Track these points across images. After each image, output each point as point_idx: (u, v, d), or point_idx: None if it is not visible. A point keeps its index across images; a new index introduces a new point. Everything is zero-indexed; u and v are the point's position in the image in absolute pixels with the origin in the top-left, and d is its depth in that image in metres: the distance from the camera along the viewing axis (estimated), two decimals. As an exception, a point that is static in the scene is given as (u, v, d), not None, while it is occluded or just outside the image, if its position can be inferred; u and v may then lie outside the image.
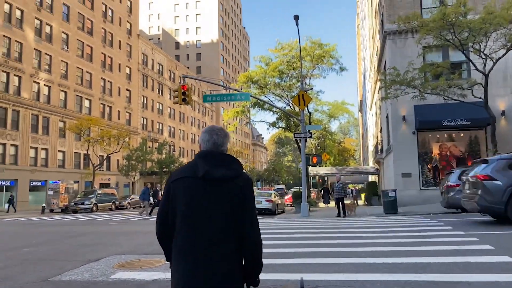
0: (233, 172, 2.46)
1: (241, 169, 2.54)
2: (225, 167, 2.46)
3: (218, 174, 2.41)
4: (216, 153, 2.54)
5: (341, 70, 33.23)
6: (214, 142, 2.58)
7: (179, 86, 18.23)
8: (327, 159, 53.08)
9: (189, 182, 2.44)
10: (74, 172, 45.30)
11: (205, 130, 2.68)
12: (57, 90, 44.30)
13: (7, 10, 38.33)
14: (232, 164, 2.51)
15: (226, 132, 2.68)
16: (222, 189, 2.41)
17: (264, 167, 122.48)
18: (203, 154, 2.54)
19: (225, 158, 2.52)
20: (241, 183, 2.46)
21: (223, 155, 2.55)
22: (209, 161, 2.47)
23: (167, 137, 68.17)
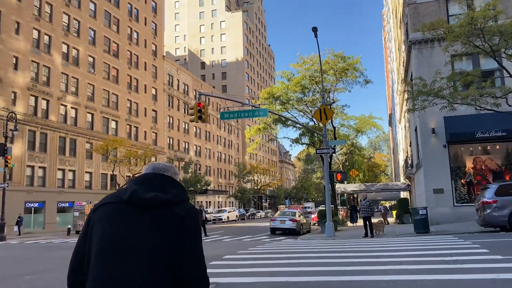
0: (169, 196, 1.90)
1: (184, 196, 1.98)
2: (160, 190, 1.91)
3: (148, 196, 1.86)
4: (155, 175, 2.01)
5: (366, 82, 32.16)
6: (154, 167, 2.09)
7: (195, 104, 17.79)
8: (356, 175, 51.49)
9: (111, 208, 1.90)
10: (101, 193, 45.62)
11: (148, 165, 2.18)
12: (84, 112, 45.13)
13: (36, 36, 39.56)
14: (170, 188, 1.96)
15: (172, 168, 2.15)
16: (154, 217, 1.85)
17: (292, 185, 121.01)
18: (138, 178, 2.02)
19: (164, 181, 1.99)
20: (182, 212, 1.89)
21: (163, 177, 2.01)
22: (141, 183, 1.95)
23: (193, 156, 68.31)
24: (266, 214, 67.08)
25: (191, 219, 1.89)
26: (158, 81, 60.71)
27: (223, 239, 21.58)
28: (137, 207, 1.84)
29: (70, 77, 43.50)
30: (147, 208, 1.84)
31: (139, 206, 1.84)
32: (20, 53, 37.51)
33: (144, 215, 1.83)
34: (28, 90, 38.11)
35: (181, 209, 1.88)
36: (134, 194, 1.85)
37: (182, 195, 1.95)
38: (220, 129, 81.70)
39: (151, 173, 2.01)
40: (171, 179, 2.01)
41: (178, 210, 1.87)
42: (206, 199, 70.62)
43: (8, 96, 35.98)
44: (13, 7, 36.98)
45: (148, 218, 1.83)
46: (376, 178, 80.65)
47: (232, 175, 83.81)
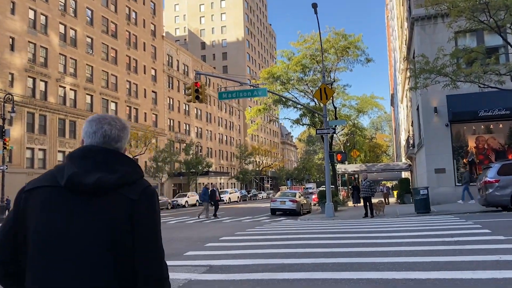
0: (116, 177, 1.56)
1: (137, 174, 1.64)
2: (105, 169, 1.57)
3: (89, 180, 1.53)
4: (98, 150, 1.65)
5: (367, 61, 31.58)
6: (104, 134, 1.69)
7: (192, 83, 17.40)
8: (357, 155, 51.27)
9: (48, 194, 1.56)
10: (102, 174, 45.63)
11: (91, 118, 1.76)
12: (83, 94, 44.73)
13: (32, 16, 38.87)
14: (118, 165, 1.61)
15: (124, 124, 1.77)
16: (98, 204, 1.55)
17: (294, 166, 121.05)
18: (77, 152, 1.65)
19: (109, 157, 1.63)
20: (134, 196, 1.57)
21: (109, 152, 1.65)
22: (81, 162, 1.59)
23: (194, 138, 68.07)
24: (267, 195, 67.20)
25: (146, 203, 1.58)
26: (158, 61, 60.01)
27: (223, 220, 21.50)
28: (77, 193, 1.53)
29: (68, 58, 42.95)
30: (90, 194, 1.53)
31: (79, 192, 1.53)
32: (16, 34, 36.91)
33: (87, 203, 1.53)
34: (25, 72, 37.66)
35: (133, 191, 1.57)
36: (72, 178, 1.53)
37: (134, 173, 1.62)
38: (221, 111, 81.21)
39: (94, 147, 1.65)
40: (119, 154, 1.67)
41: (128, 193, 1.56)
42: (208, 180, 70.50)
43: (5, 78, 35.57)
44: (7, -13, 36.22)
45: (92, 206, 1.53)
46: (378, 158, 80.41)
47: (233, 157, 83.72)
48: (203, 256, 8.87)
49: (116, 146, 1.70)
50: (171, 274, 7.46)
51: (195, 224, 19.05)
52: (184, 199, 43.88)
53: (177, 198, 44.76)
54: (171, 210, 38.18)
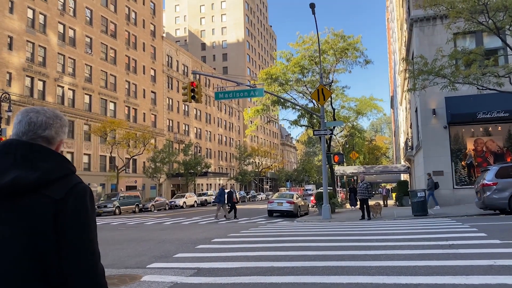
0: (37, 175, 1.38)
1: (63, 169, 1.45)
2: (25, 167, 1.39)
3: (4, 180, 1.36)
4: (19, 144, 1.46)
5: (366, 63, 31.45)
6: (29, 122, 1.51)
7: (188, 83, 17.24)
8: (356, 157, 51.06)
9: None
10: (99, 175, 45.46)
11: (22, 109, 1.59)
12: (81, 94, 44.58)
13: (31, 15, 38.75)
14: (41, 162, 1.42)
15: (58, 113, 1.60)
16: (16, 208, 1.37)
17: (294, 167, 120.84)
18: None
19: (31, 152, 1.44)
20: (58, 195, 1.39)
21: (31, 146, 1.46)
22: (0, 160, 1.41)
23: (193, 138, 67.91)
24: (266, 197, 67.04)
25: (73, 202, 1.40)
26: (157, 62, 59.89)
27: (219, 221, 21.32)
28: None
29: (67, 58, 42.81)
30: (7, 196, 1.36)
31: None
32: (15, 33, 36.79)
33: (7, 206, 1.36)
34: (23, 71, 37.52)
35: (57, 190, 1.39)
36: None
37: (58, 169, 1.43)
38: (220, 111, 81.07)
39: (14, 141, 1.47)
40: (41, 148, 1.46)
41: (51, 192, 1.38)
42: (207, 181, 70.53)
43: (2, 77, 35.43)
44: (6, -15, 36.11)
45: (9, 210, 1.36)
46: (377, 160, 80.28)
47: (233, 158, 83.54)
48: (192, 259, 8.70)
49: (45, 134, 1.50)
50: (158, 277, 7.27)
51: (189, 225, 18.88)
52: (182, 200, 43.69)
53: (175, 199, 44.57)
54: (168, 211, 38.01)
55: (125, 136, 43.17)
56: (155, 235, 14.14)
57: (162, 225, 19.70)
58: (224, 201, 23.57)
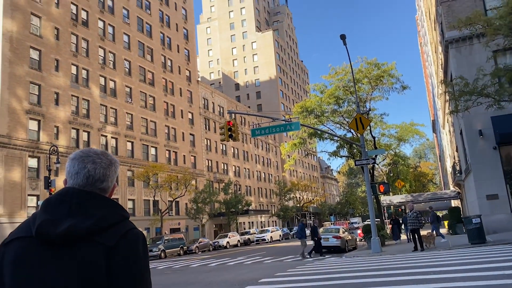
0: (89, 223, 1.36)
1: (115, 216, 1.42)
2: (80, 215, 1.37)
3: (59, 230, 1.35)
4: (75, 192, 1.45)
5: (403, 88, 30.86)
6: (88, 175, 1.50)
7: (224, 123, 17.47)
8: (402, 186, 49.34)
9: (22, 246, 1.40)
10: (144, 219, 46.20)
11: (74, 155, 1.57)
12: (124, 141, 46.24)
13: (74, 71, 41.24)
14: (95, 209, 1.41)
15: (112, 159, 1.58)
16: (70, 256, 1.35)
17: (337, 200, 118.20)
18: (54, 196, 1.47)
19: (86, 201, 1.43)
20: (110, 242, 1.35)
21: (86, 194, 1.45)
22: (56, 208, 1.41)
23: (232, 176, 68.24)
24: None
25: (125, 249, 1.35)
26: (194, 105, 61.59)
27: (264, 261, 20.84)
28: (49, 244, 1.34)
29: (108, 108, 44.85)
30: (62, 244, 1.34)
31: (50, 243, 1.34)
32: (60, 89, 39.12)
33: (58, 255, 1.34)
34: (69, 124, 39.54)
35: (110, 236, 1.36)
36: (41, 228, 1.35)
37: (111, 216, 1.41)
38: (257, 148, 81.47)
39: (71, 189, 1.47)
40: (95, 195, 1.46)
41: (104, 240, 1.35)
42: (248, 219, 70.02)
43: (51, 131, 37.43)
44: (51, 46, 38.80)
45: (64, 258, 1.33)
46: (424, 187, 77.27)
47: (273, 194, 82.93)
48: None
49: (102, 186, 1.51)
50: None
51: (235, 266, 18.54)
52: (226, 239, 43.39)
53: (218, 239, 44.34)
54: (212, 252, 37.77)
55: (167, 179, 43.99)
56: (201, 278, 13.93)
57: (207, 267, 19.47)
58: (305, 236, 21.88)
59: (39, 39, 37.61)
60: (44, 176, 29.62)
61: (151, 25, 54.44)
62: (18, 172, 34.04)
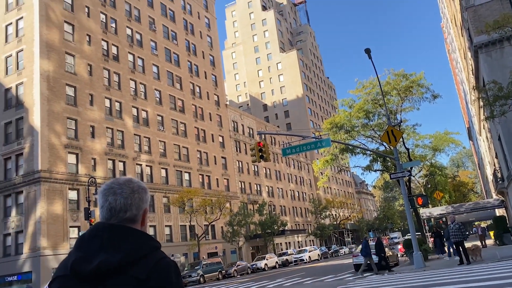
0: (119, 258, 1.40)
1: (145, 248, 1.46)
2: (111, 249, 1.42)
3: (91, 266, 1.39)
4: (104, 227, 1.51)
5: (434, 97, 30.22)
6: (109, 208, 1.57)
7: (255, 144, 17.62)
8: (441, 197, 47.71)
9: (61, 285, 1.46)
10: (181, 245, 46.58)
11: (100, 189, 1.65)
12: (158, 168, 47.22)
13: (108, 104, 42.83)
14: (123, 243, 1.45)
15: (134, 186, 1.62)
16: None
17: (374, 215, 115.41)
18: (87, 233, 1.55)
19: (114, 234, 1.48)
20: (142, 274, 1.39)
21: (114, 229, 1.50)
22: (88, 244, 1.47)
23: (266, 197, 68.06)
24: (350, 250, 64.00)
25: (157, 280, 1.40)
26: (224, 128, 62.40)
27: (304, 282, 20.52)
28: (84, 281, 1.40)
29: (142, 137, 46.09)
30: (98, 280, 1.39)
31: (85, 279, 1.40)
32: (96, 122, 40.62)
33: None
34: (105, 155, 40.83)
35: (141, 269, 1.41)
36: (74, 266, 1.42)
37: (140, 248, 1.45)
38: (289, 167, 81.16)
39: (100, 224, 1.53)
40: (123, 228, 1.51)
41: (136, 273, 1.40)
42: (285, 240, 69.28)
43: (88, 163, 38.75)
44: (86, 82, 40.57)
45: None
46: (465, 197, 74.38)
47: (308, 212, 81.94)
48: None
49: (127, 216, 1.55)
50: None
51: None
52: (263, 262, 43.05)
53: (256, 262, 44.06)
54: (251, 274, 37.52)
55: (202, 203, 44.40)
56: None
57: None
58: (370, 254, 20.76)
59: (73, 76, 39.42)
60: (84, 208, 30.58)
61: (179, 55, 56.07)
62: (60, 205, 35.25)
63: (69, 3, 41.08)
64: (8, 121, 37.51)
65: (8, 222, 35.45)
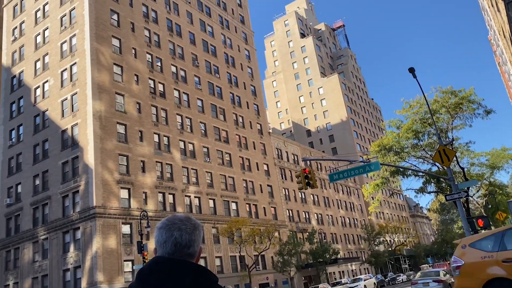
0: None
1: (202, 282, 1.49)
2: (171, 282, 1.45)
3: None
4: (164, 262, 1.54)
5: (487, 113, 28.85)
6: (175, 243, 1.60)
7: (300, 171, 17.41)
8: (504, 218, 44.69)
9: None
10: (232, 276, 46.24)
11: (160, 224, 1.68)
12: (206, 199, 47.75)
13: (157, 139, 44.31)
14: (183, 276, 1.48)
15: (195, 223, 1.69)
16: None
17: (432, 240, 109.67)
18: (146, 267, 1.57)
19: (175, 268, 1.51)
20: None
21: (174, 264, 1.52)
22: (148, 279, 1.50)
23: (315, 225, 66.65)
24: (408, 277, 60.84)
25: None
26: (268, 157, 62.49)
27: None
28: None
29: (190, 170, 47.03)
30: None
31: None
32: (146, 157, 42.02)
33: None
34: (156, 188, 41.91)
35: None
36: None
37: (200, 282, 1.47)
38: (338, 193, 79.42)
39: (161, 258, 1.55)
40: (183, 262, 1.53)
41: None
42: (338, 269, 67.05)
43: (140, 197, 39.89)
44: (135, 119, 42.34)
45: None
46: (531, 217, 69.07)
47: (361, 239, 79.21)
48: None
49: (189, 252, 1.59)
50: None
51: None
52: (316, 292, 41.73)
53: (309, 292, 42.78)
54: (305, 305, 36.30)
55: (250, 233, 44.14)
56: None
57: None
58: None
59: (124, 115, 41.29)
60: (137, 241, 31.29)
61: (221, 87, 57.50)
62: (114, 240, 36.28)
63: (117, 46, 43.55)
64: (65, 160, 39.62)
65: (67, 258, 36.85)
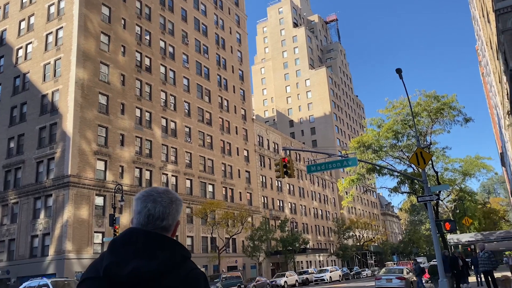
0: (154, 265, 1.42)
1: (177, 257, 1.48)
2: (145, 256, 1.44)
3: (125, 271, 1.40)
4: (139, 233, 1.53)
5: (466, 121, 29.61)
6: (148, 214, 1.58)
7: (280, 159, 17.60)
8: (470, 223, 46.19)
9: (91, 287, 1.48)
10: (202, 256, 46.57)
11: (138, 195, 1.67)
12: (183, 179, 47.70)
13: (138, 114, 43.79)
14: (159, 251, 1.47)
15: (172, 197, 1.66)
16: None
17: (399, 238, 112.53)
18: (119, 238, 1.55)
19: (149, 242, 1.49)
20: (173, 284, 1.41)
21: (149, 236, 1.52)
22: (122, 249, 1.47)
23: (288, 213, 67.51)
24: (372, 272, 62.46)
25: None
26: (249, 143, 62.63)
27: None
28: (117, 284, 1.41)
29: (169, 148, 46.78)
30: (128, 285, 1.40)
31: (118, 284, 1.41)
32: (126, 131, 41.54)
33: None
34: (133, 163, 41.59)
35: (173, 279, 1.43)
36: (108, 269, 1.43)
37: (174, 257, 1.47)
38: (313, 184, 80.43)
39: (135, 230, 1.54)
40: (159, 237, 1.52)
41: (168, 282, 1.41)
42: (306, 258, 68.29)
43: (116, 171, 39.55)
44: (118, 91, 41.69)
45: None
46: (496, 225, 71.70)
47: (331, 232, 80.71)
48: None
49: (163, 224, 1.58)
50: None
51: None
52: (283, 279, 42.56)
53: (275, 279, 43.62)
54: (270, 291, 37.01)
55: (224, 216, 44.44)
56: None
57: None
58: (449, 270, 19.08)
59: (107, 85, 40.60)
60: (109, 214, 31.09)
61: (209, 68, 57.00)
62: (86, 210, 36.00)
63: (107, 15, 42.57)
64: (43, 126, 38.84)
65: (37, 224, 36.43)
